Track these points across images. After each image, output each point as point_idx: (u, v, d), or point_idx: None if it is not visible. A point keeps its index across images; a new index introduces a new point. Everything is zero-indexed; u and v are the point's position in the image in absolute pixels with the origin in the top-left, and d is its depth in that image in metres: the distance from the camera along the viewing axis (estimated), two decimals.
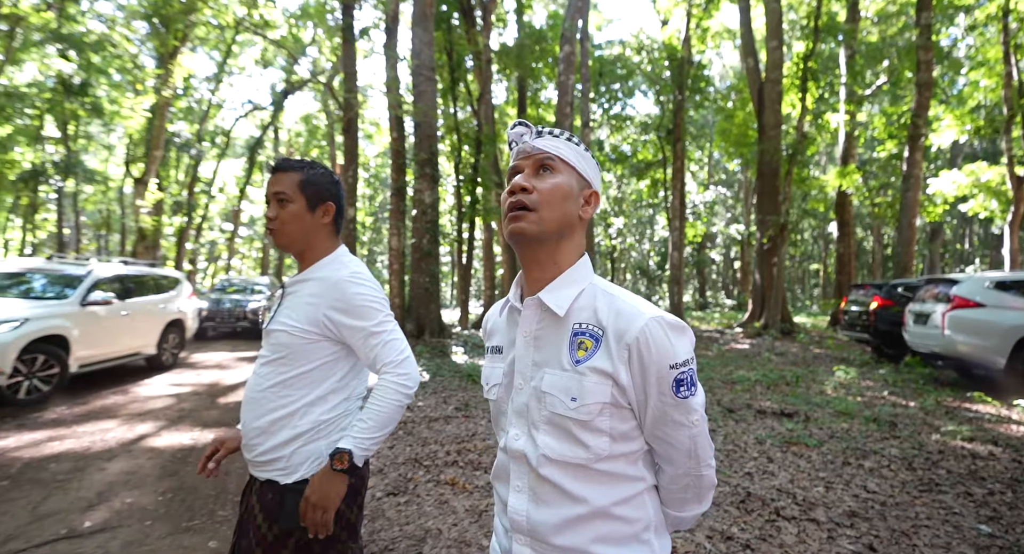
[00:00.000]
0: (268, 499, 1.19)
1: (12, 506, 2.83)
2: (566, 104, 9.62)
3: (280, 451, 1.18)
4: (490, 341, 0.94)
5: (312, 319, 1.19)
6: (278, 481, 1.19)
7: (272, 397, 1.20)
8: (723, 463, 3.53)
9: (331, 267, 1.26)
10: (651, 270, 25.68)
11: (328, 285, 1.21)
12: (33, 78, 18.09)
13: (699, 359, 8.55)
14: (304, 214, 1.25)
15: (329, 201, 1.29)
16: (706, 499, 0.85)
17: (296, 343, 1.19)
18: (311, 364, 1.20)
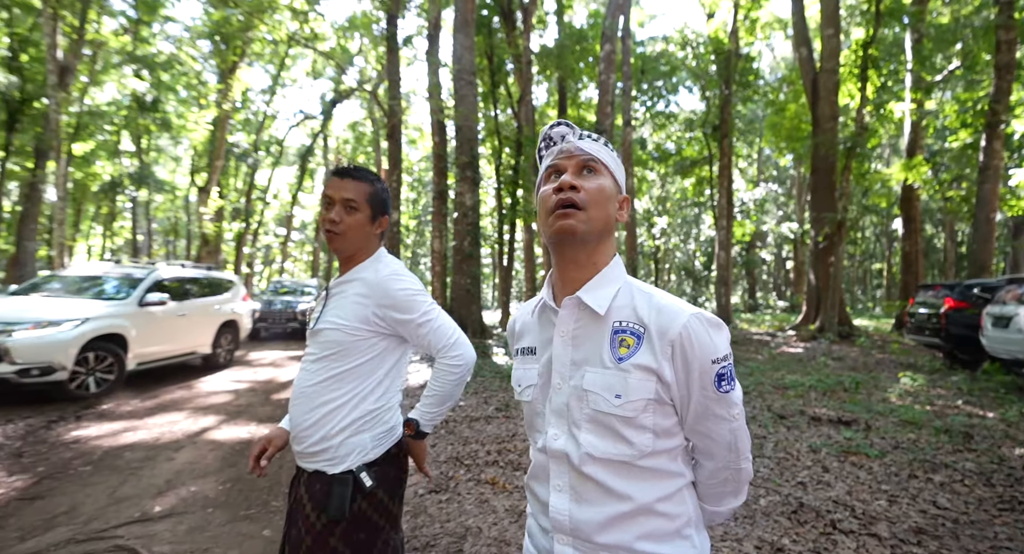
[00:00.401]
0: (316, 489, 1.23)
1: (94, 489, 3.08)
2: (607, 103, 9.50)
3: (328, 442, 1.24)
4: (520, 342, 0.94)
5: (362, 317, 1.27)
6: (325, 472, 1.24)
7: (323, 391, 1.26)
8: (773, 471, 3.37)
9: (373, 268, 1.33)
10: (697, 271, 24.89)
11: (372, 285, 1.29)
12: (112, 98, 19.69)
13: (748, 363, 8.21)
14: (366, 224, 1.33)
15: (386, 215, 1.38)
16: (743, 492, 0.88)
17: (348, 340, 1.27)
18: (361, 359, 1.28)
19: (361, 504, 1.24)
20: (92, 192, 20.94)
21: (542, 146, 0.90)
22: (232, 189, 21.86)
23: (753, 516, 2.71)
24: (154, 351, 6.18)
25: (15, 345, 4.68)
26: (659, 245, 26.51)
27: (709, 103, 16.90)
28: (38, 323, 4.94)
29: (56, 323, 5.04)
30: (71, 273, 6.60)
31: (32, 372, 4.76)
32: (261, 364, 8.12)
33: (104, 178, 20.38)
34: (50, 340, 4.89)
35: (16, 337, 4.73)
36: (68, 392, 5.10)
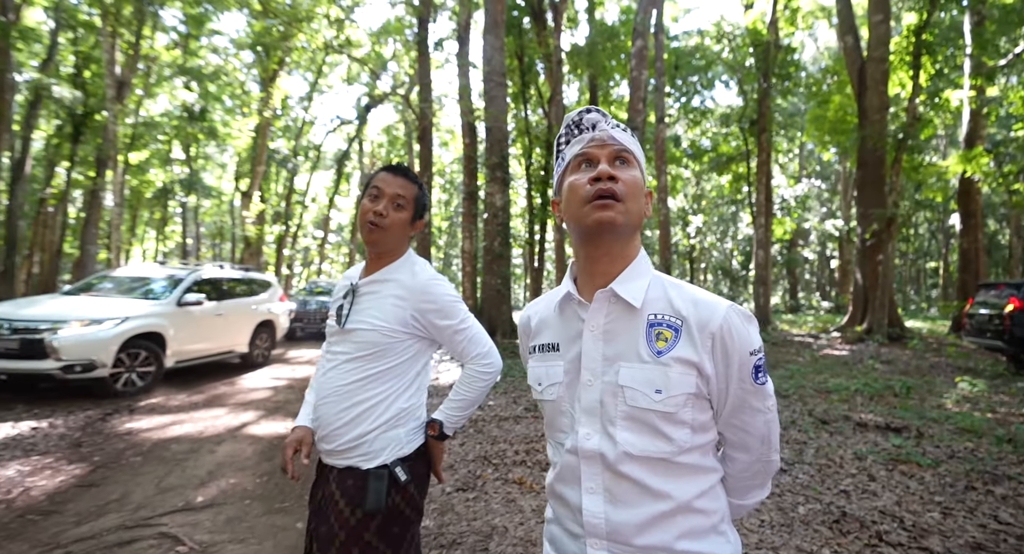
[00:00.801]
0: (349, 485, 1.24)
1: (143, 479, 3.25)
2: (639, 100, 9.33)
3: (363, 438, 1.26)
4: (537, 339, 0.90)
5: (401, 319, 1.28)
6: (359, 467, 1.25)
7: (358, 391, 1.27)
8: (814, 479, 3.22)
9: (408, 269, 1.34)
10: (734, 270, 24.15)
11: (411, 288, 1.30)
12: (164, 109, 20.82)
13: (788, 365, 7.89)
14: (407, 223, 1.35)
15: (423, 219, 1.40)
16: (768, 485, 0.89)
17: (385, 342, 1.28)
18: (398, 360, 1.30)
19: (395, 498, 1.25)
20: (146, 198, 22.19)
21: (567, 133, 0.86)
22: (273, 193, 22.72)
23: (791, 524, 2.60)
24: (192, 349, 6.31)
25: (60, 342, 4.86)
26: (694, 244, 25.84)
27: (747, 97, 16.37)
28: (81, 322, 5.12)
29: (98, 322, 5.22)
30: (119, 274, 6.87)
31: (75, 368, 4.93)
32: (298, 362, 8.38)
33: (157, 185, 21.57)
34: (92, 338, 5.06)
35: (61, 335, 4.91)
36: (109, 388, 5.25)
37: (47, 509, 2.78)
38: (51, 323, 4.99)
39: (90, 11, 13.64)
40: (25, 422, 4.30)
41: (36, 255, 19.63)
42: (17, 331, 4.88)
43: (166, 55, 18.62)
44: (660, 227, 14.06)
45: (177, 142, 21.45)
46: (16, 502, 2.86)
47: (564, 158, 0.86)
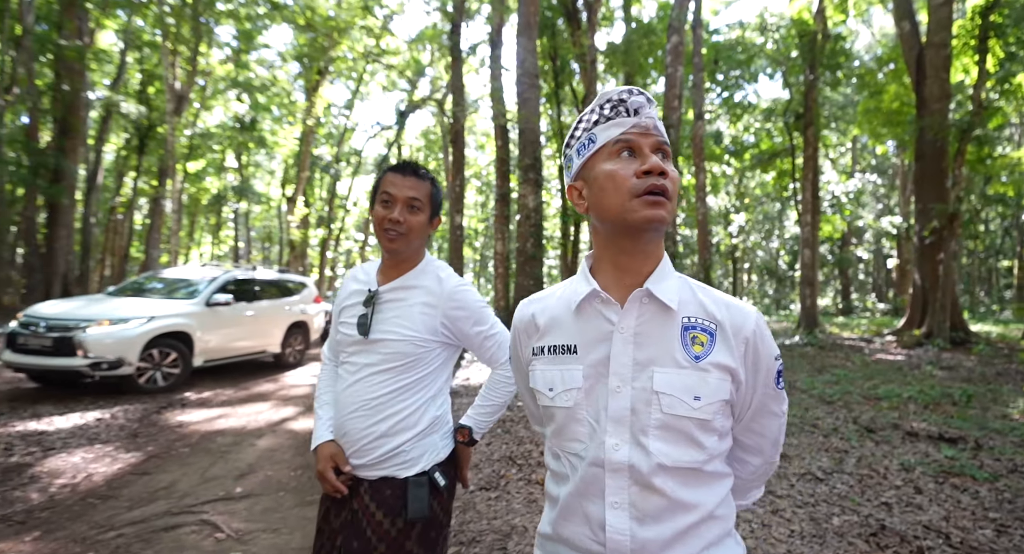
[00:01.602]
0: (387, 495, 1.20)
1: (189, 469, 3.47)
2: (674, 97, 9.13)
3: (401, 449, 1.23)
4: (545, 339, 0.81)
5: (431, 328, 1.25)
6: (397, 476, 1.21)
7: (391, 403, 1.23)
8: (853, 489, 3.07)
9: (432, 274, 1.30)
10: (780, 271, 23.13)
11: (440, 294, 1.26)
12: (220, 121, 22.07)
13: (834, 370, 7.52)
14: (426, 225, 1.30)
15: (439, 216, 1.34)
16: (763, 486, 0.91)
17: (417, 351, 1.24)
18: (429, 368, 1.27)
19: (434, 504, 1.23)
20: (203, 205, 23.57)
21: (603, 112, 0.76)
22: (317, 198, 23.63)
23: (823, 535, 2.49)
24: (221, 349, 6.37)
25: (88, 340, 5.04)
26: (737, 243, 24.93)
27: (792, 90, 15.69)
28: (109, 320, 5.30)
29: (125, 320, 5.38)
30: (161, 276, 7.09)
31: (102, 365, 5.08)
32: None
33: (212, 192, 22.88)
34: (118, 336, 5.20)
35: (89, 332, 5.09)
36: (136, 386, 5.39)
37: (105, 494, 3.02)
38: (81, 322, 5.19)
39: (154, 32, 14.66)
40: (91, 413, 4.67)
41: (107, 259, 21.24)
42: (51, 329, 5.11)
43: (220, 69, 19.76)
44: (698, 226, 13.67)
45: (230, 151, 22.68)
46: (80, 486, 3.12)
47: (595, 140, 0.76)
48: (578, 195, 0.80)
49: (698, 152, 13.38)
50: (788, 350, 10.12)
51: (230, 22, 17.75)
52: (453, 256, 8.74)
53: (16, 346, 5.14)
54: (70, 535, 2.52)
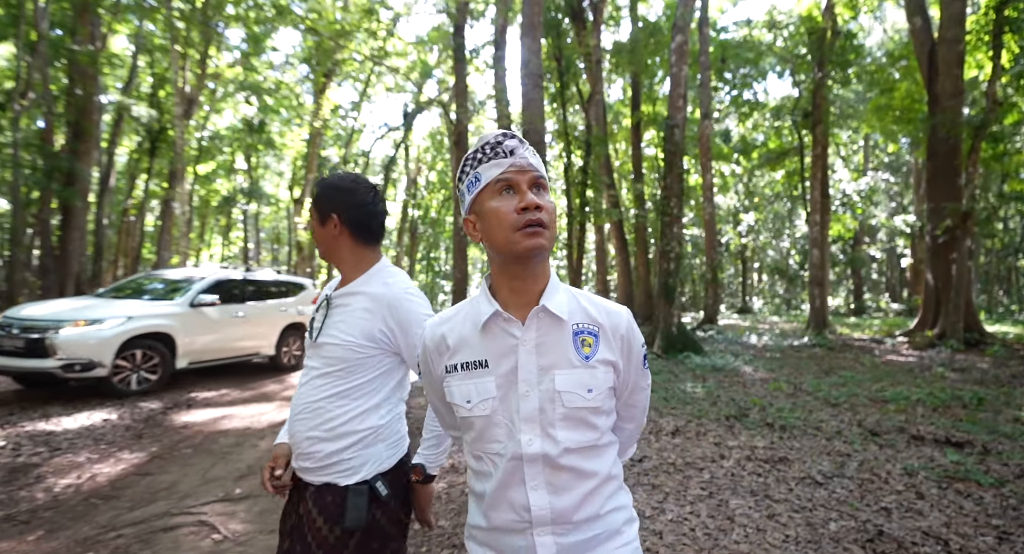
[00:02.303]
0: (328, 502, 1.19)
1: (191, 469, 3.52)
2: (679, 97, 9.07)
3: (340, 455, 1.21)
4: (457, 357, 0.91)
5: (368, 334, 1.22)
6: (338, 483, 1.20)
7: (329, 407, 1.22)
8: (852, 494, 3.03)
9: (379, 281, 1.27)
10: (791, 270, 22.86)
11: (381, 301, 1.23)
12: (230, 124, 22.33)
13: (841, 372, 7.42)
14: (318, 230, 1.30)
15: (333, 213, 1.28)
16: (636, 444, 1.12)
17: (354, 357, 1.22)
18: (368, 376, 1.24)
19: (376, 514, 1.21)
20: (213, 206, 23.85)
21: (482, 153, 0.88)
22: None
23: (819, 541, 2.46)
24: (207, 350, 6.22)
25: (60, 341, 4.91)
26: (746, 243, 24.69)
27: (801, 88, 15.52)
28: (83, 321, 5.15)
29: (100, 321, 5.21)
30: (153, 276, 7.02)
31: (75, 367, 4.96)
32: None
33: (222, 194, 23.15)
34: (91, 337, 5.06)
35: (62, 333, 4.96)
36: (113, 388, 5.26)
37: (108, 494, 3.08)
38: (54, 323, 5.07)
39: (165, 36, 14.89)
40: (98, 414, 4.75)
41: (120, 260, 21.58)
42: (24, 330, 5.01)
43: (229, 72, 19.99)
44: (706, 226, 13.55)
45: (239, 153, 22.94)
46: (84, 486, 3.18)
47: (479, 178, 0.87)
48: (472, 227, 0.91)
49: (705, 151, 13.29)
50: (796, 351, 10.02)
51: (239, 25, 17.95)
52: (457, 257, 8.77)
53: None
54: (72, 535, 2.57)
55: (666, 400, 5.50)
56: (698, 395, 5.79)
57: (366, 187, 1.32)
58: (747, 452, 3.81)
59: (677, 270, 8.86)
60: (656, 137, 18.23)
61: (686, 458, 3.67)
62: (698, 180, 15.84)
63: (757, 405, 5.31)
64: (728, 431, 4.38)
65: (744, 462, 3.60)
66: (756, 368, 7.84)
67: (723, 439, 4.14)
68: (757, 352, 9.76)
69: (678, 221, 8.92)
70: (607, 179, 13.11)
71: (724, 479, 3.28)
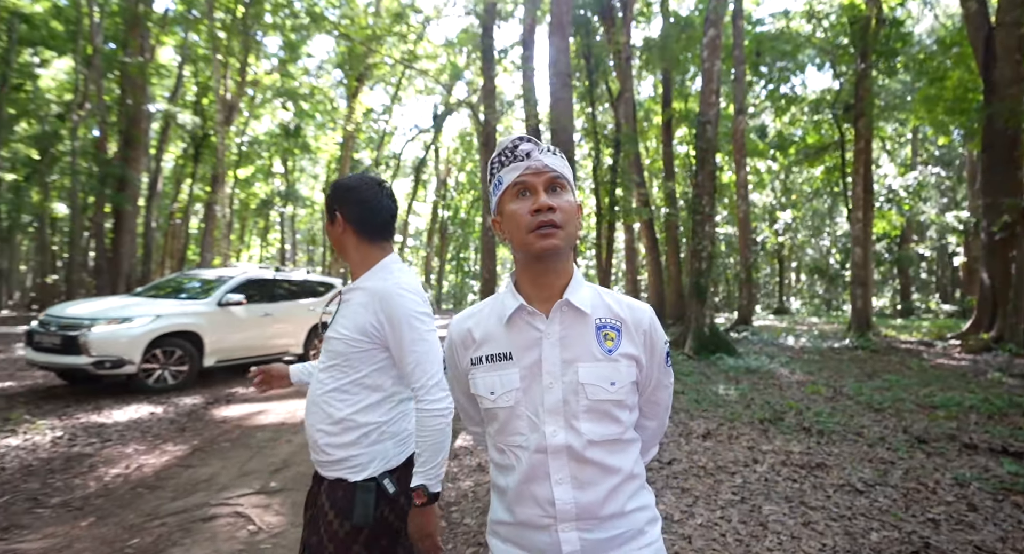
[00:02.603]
0: (339, 496, 1.22)
1: (229, 462, 3.66)
2: (711, 92, 8.84)
3: (346, 451, 1.23)
4: (482, 350, 0.93)
5: (361, 328, 1.22)
6: (347, 479, 1.22)
7: (331, 401, 1.24)
8: (896, 504, 2.88)
9: (379, 276, 1.28)
10: (832, 269, 21.91)
11: (375, 295, 1.23)
12: (268, 129, 23.13)
13: (885, 376, 7.08)
14: (329, 228, 1.36)
15: (338, 210, 1.31)
16: (659, 443, 1.11)
17: (349, 351, 1.23)
18: (363, 370, 1.24)
19: (384, 510, 1.23)
20: (252, 209, 24.75)
21: (501, 158, 0.92)
22: None
23: (859, 551, 2.35)
24: (234, 349, 6.31)
25: (92, 339, 5.08)
26: (783, 241, 23.83)
27: (843, 80, 14.89)
28: (114, 320, 5.33)
29: (129, 320, 5.38)
30: (188, 276, 7.21)
31: (105, 364, 5.12)
32: None
33: (260, 197, 24.00)
34: (120, 335, 5.22)
35: (94, 331, 5.13)
36: (142, 385, 5.44)
37: (153, 484, 3.23)
38: (88, 321, 5.25)
39: (208, 46, 15.55)
40: (145, 407, 5.00)
41: (167, 261, 22.67)
42: (62, 328, 5.22)
43: (267, 79, 20.70)
44: (739, 224, 13.15)
45: (277, 157, 23.72)
46: (132, 476, 3.35)
47: (501, 182, 0.92)
48: (499, 227, 0.95)
49: (739, 148, 12.92)
50: (836, 353, 9.62)
51: (276, 33, 18.57)
52: (485, 257, 8.81)
53: (34, 344, 5.33)
54: (119, 522, 2.71)
55: (697, 402, 5.37)
56: (731, 397, 5.64)
57: (370, 184, 1.33)
58: (782, 457, 3.68)
59: (709, 269, 8.65)
60: (688, 134, 17.84)
61: (717, 462, 3.58)
62: (732, 177, 15.41)
63: (793, 409, 5.12)
64: (762, 435, 4.24)
65: (779, 467, 3.48)
66: (793, 370, 7.57)
67: (756, 443, 4.01)
68: (794, 354, 9.43)
69: (710, 219, 8.70)
70: (637, 177, 12.90)
71: (757, 484, 3.18)
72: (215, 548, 2.47)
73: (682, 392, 5.83)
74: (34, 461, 3.52)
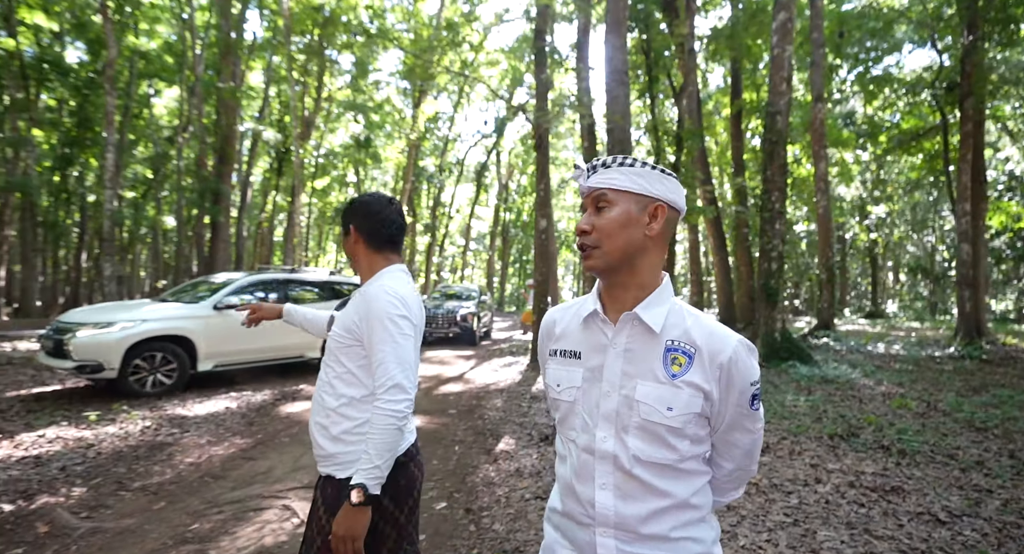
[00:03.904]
0: (328, 492, 1.29)
1: (285, 457, 3.91)
2: (782, 80, 8.20)
3: (334, 447, 1.29)
4: (559, 344, 0.98)
5: (346, 325, 1.32)
6: (335, 475, 1.29)
7: (323, 396, 1.34)
8: (986, 538, 2.50)
9: (377, 281, 1.37)
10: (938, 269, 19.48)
11: (363, 295, 1.33)
12: (342, 141, 24.64)
13: (998, 390, 6.18)
14: (343, 241, 1.48)
15: (351, 223, 1.43)
16: (743, 487, 1.02)
17: (337, 347, 1.33)
18: (349, 365, 1.32)
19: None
20: (328, 216, 26.45)
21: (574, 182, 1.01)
22: (425, 207, 25.25)
23: None
24: (238, 352, 6.20)
25: (75, 343, 5.12)
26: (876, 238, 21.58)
27: (947, 56, 13.26)
28: (97, 324, 5.33)
29: (111, 324, 5.33)
30: (203, 280, 7.23)
31: (86, 368, 5.15)
32: (431, 361, 9.17)
33: (335, 205, 25.61)
34: (100, 340, 5.21)
35: (78, 336, 5.17)
36: (130, 388, 5.36)
37: (218, 473, 3.53)
38: (76, 326, 5.31)
39: (289, 68, 16.91)
40: (222, 402, 5.47)
41: (256, 267, 24.84)
42: (57, 332, 5.35)
43: (341, 94, 22.07)
44: (819, 221, 12.08)
45: (350, 168, 25.20)
46: (201, 466, 3.68)
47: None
48: None
49: (818, 138, 11.90)
50: (936, 363, 8.55)
51: (348, 51, 19.74)
52: (538, 260, 8.77)
53: (42, 347, 5.59)
54: (185, 508, 2.98)
55: None
56: (799, 409, 5.19)
57: (381, 201, 1.45)
58: (850, 477, 3.33)
59: (780, 270, 8.02)
60: (760, 126, 16.70)
61: (772, 479, 3.30)
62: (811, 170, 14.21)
63: (872, 424, 4.62)
64: (830, 452, 3.86)
65: (844, 489, 3.15)
66: (879, 381, 6.83)
67: (822, 461, 3.66)
68: (883, 363, 8.51)
69: (780, 217, 8.07)
70: (701, 174, 12.25)
71: (815, 506, 2.89)
72: (261, 538, 2.64)
73: None
74: (124, 447, 3.97)
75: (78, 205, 20.64)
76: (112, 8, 13.47)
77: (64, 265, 22.89)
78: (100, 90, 15.45)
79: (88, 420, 4.59)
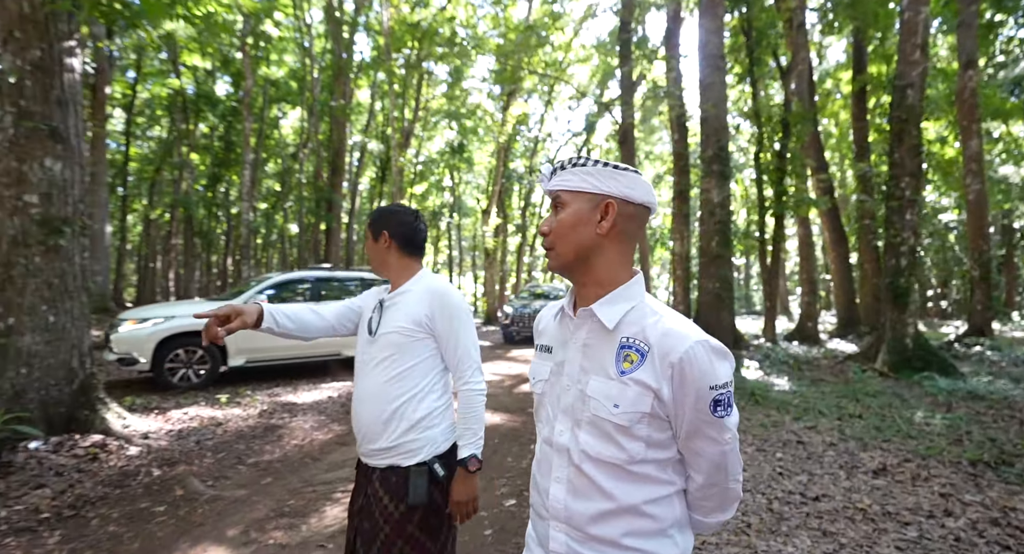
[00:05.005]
0: (392, 482, 1.37)
1: None
2: (914, 48, 7.05)
3: (401, 438, 1.39)
4: (540, 339, 1.04)
5: (415, 319, 1.43)
6: (400, 464, 1.38)
7: (389, 390, 1.40)
8: None
9: (424, 281, 1.51)
10: None
11: (427, 292, 1.46)
12: (439, 148, 25.94)
13: None
14: (372, 246, 1.58)
15: (384, 230, 1.54)
16: (730, 510, 0.92)
17: (404, 342, 1.42)
18: (417, 358, 1.43)
19: (433, 492, 1.39)
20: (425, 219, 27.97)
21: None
22: (514, 208, 25.69)
23: None
24: (269, 348, 6.33)
25: (115, 337, 5.53)
26: None
27: None
28: (135, 320, 5.70)
29: (145, 320, 5.69)
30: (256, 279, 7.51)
31: (125, 361, 5.49)
32: (516, 360, 9.28)
33: (432, 209, 27.00)
34: (132, 334, 5.55)
35: (119, 331, 5.56)
36: (167, 382, 5.64)
37: (316, 456, 3.90)
38: (120, 322, 5.73)
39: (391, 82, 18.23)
40: (325, 392, 6.04)
41: None
42: (111, 327, 5.80)
43: (436, 103, 23.20)
44: (969, 208, 10.22)
45: (446, 173, 26.40)
46: (304, 448, 4.10)
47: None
48: None
49: (968, 111, 10.09)
50: None
51: (444, 62, 20.70)
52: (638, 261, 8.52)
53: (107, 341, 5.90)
54: (286, 485, 3.34)
55: (878, 430, 4.38)
56: (932, 428, 4.46)
57: (409, 212, 1.59)
58: (994, 513, 2.79)
59: (911, 267, 6.94)
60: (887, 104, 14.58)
61: (886, 506, 2.88)
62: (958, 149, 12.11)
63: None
64: (968, 480, 3.27)
65: (983, 526, 2.65)
66: None
67: (956, 490, 3.11)
68: None
69: (912, 205, 6.98)
70: (814, 161, 11.00)
71: (940, 542, 2.47)
72: (343, 519, 2.88)
73: (859, 416, 4.82)
74: (245, 427, 4.55)
75: (225, 217, 24.04)
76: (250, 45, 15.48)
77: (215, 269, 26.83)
78: (240, 116, 17.84)
79: (220, 402, 5.33)
